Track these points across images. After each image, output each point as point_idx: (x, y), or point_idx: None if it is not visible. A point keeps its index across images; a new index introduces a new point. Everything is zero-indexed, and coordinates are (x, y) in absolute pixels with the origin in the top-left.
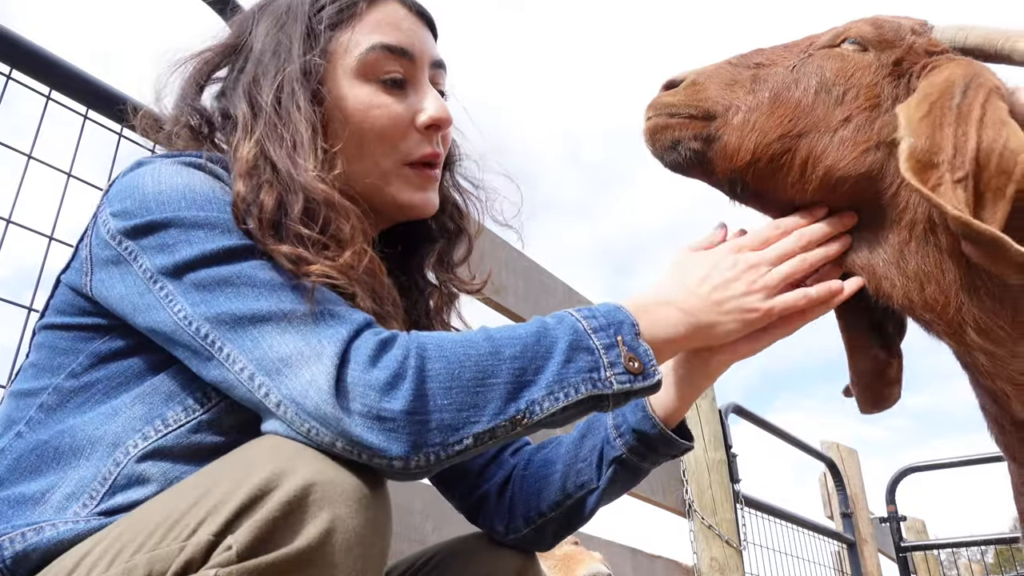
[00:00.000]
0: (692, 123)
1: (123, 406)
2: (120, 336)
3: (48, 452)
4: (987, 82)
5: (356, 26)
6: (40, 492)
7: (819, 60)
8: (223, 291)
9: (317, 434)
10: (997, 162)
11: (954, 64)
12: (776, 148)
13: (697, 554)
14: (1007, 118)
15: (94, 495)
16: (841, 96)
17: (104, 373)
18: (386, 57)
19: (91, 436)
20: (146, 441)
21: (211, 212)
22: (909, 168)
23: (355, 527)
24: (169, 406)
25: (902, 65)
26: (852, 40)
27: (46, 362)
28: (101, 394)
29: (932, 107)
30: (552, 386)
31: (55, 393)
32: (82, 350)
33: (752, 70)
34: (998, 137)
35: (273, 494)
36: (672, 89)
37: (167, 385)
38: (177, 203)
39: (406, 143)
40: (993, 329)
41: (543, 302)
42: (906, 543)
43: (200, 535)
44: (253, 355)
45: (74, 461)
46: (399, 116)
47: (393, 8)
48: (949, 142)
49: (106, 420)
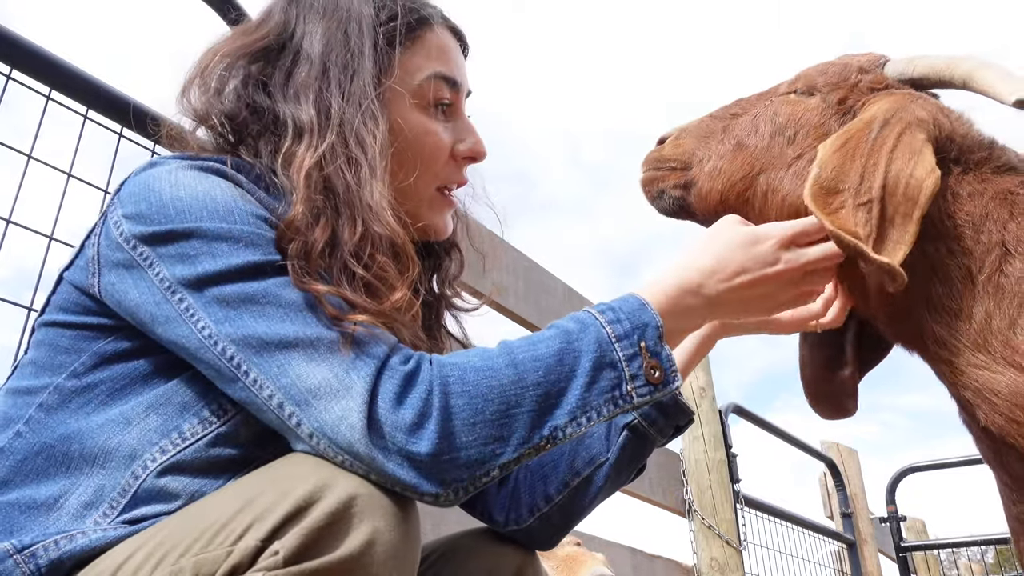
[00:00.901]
0: (674, 173)
1: (135, 415)
2: (125, 337)
3: (56, 456)
4: (909, 115)
5: (419, 50)
6: (52, 498)
7: (775, 107)
8: (248, 310)
9: (351, 466)
10: (904, 190)
11: (886, 100)
12: (740, 187)
13: (697, 554)
14: (920, 148)
15: (115, 505)
16: (793, 137)
17: (108, 374)
18: (440, 87)
19: (104, 446)
20: (164, 455)
21: (234, 224)
22: (810, 194)
23: (392, 540)
24: (185, 418)
25: (846, 103)
26: (800, 89)
27: (46, 360)
28: (105, 395)
29: (847, 141)
30: (575, 412)
31: (56, 393)
32: (85, 349)
33: (726, 121)
34: (905, 166)
35: (319, 504)
36: (661, 144)
37: (181, 395)
38: (199, 213)
39: (444, 169)
40: (950, 341)
41: (543, 302)
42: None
43: (247, 540)
44: (280, 383)
45: (87, 468)
46: (445, 144)
47: (447, 36)
48: (856, 171)
49: (119, 430)
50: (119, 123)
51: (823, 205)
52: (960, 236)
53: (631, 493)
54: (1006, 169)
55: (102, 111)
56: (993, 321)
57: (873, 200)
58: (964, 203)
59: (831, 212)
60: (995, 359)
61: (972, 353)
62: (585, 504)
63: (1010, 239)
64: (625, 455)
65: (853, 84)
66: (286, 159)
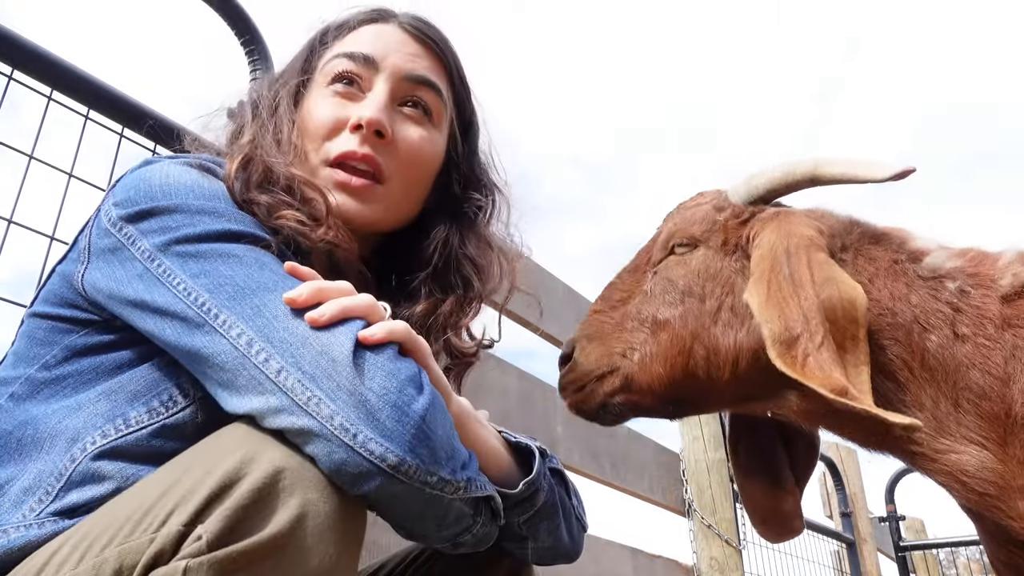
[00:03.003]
0: (603, 382)
1: (87, 401)
2: (97, 331)
3: (11, 443)
4: (798, 239)
5: (338, 44)
6: (1, 484)
7: (666, 273)
8: (226, 262)
9: (317, 404)
10: (842, 313)
11: (767, 231)
12: (680, 362)
13: (697, 553)
14: (831, 271)
15: (50, 490)
16: (703, 293)
17: (76, 367)
18: (342, 61)
19: (52, 429)
20: (105, 439)
21: (219, 204)
22: (777, 356)
23: (327, 511)
24: (133, 406)
25: (729, 243)
26: (679, 243)
27: (24, 351)
28: (70, 388)
29: (770, 286)
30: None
31: (27, 383)
32: (58, 342)
33: (620, 309)
34: (833, 292)
35: (242, 482)
36: (568, 364)
37: (135, 384)
38: (185, 194)
39: (335, 142)
40: (917, 436)
41: (543, 302)
42: (905, 542)
43: (170, 526)
44: (254, 323)
45: (35, 453)
46: (327, 114)
47: (381, 28)
48: (798, 313)
49: (69, 414)
50: (120, 123)
51: (791, 363)
52: (881, 328)
53: (631, 493)
54: (877, 239)
55: (103, 111)
56: (940, 405)
57: (826, 335)
58: (869, 290)
59: (803, 367)
60: (957, 440)
61: (936, 440)
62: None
63: (918, 313)
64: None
65: (723, 225)
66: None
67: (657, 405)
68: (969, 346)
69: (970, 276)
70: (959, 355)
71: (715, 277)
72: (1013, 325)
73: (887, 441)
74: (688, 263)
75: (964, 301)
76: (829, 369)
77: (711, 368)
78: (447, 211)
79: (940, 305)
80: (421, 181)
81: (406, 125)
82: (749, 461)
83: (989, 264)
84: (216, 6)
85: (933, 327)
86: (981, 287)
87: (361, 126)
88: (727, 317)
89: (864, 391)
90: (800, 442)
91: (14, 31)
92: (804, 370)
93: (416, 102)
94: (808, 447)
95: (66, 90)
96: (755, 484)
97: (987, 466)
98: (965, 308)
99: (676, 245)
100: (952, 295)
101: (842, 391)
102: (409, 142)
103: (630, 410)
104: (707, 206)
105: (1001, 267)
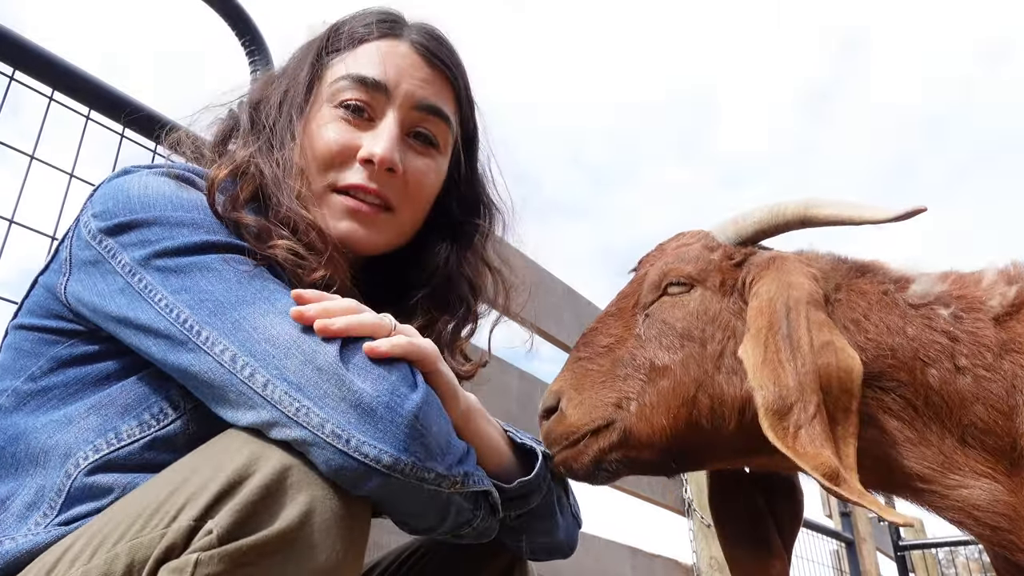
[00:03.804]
0: (598, 437)
1: (77, 415)
2: (83, 342)
3: (6, 458)
4: (799, 292)
5: (345, 58)
6: (1, 500)
7: (661, 316)
8: (204, 276)
9: (306, 414)
10: (838, 384)
11: (765, 279)
12: (683, 412)
13: (697, 553)
14: (830, 335)
15: (53, 506)
16: (702, 336)
17: (62, 379)
18: (353, 86)
19: (44, 444)
20: (97, 454)
21: (198, 215)
22: (769, 427)
23: (334, 508)
24: (124, 420)
25: (727, 284)
26: (673, 283)
27: (10, 363)
28: (57, 400)
29: (767, 347)
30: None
31: (13, 396)
32: (43, 354)
33: (607, 356)
34: (830, 360)
35: (251, 478)
36: (554, 415)
37: (125, 397)
38: (163, 205)
39: (341, 171)
40: (924, 471)
41: (543, 302)
42: (904, 542)
43: (181, 521)
44: (236, 337)
45: (31, 469)
46: (333, 140)
47: (392, 46)
48: (793, 380)
49: (59, 428)
50: (120, 124)
51: (782, 435)
52: (883, 371)
53: (631, 492)
54: (862, 272)
55: (104, 112)
56: (946, 441)
57: (820, 404)
58: (867, 328)
59: (794, 440)
60: (966, 474)
61: (946, 475)
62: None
63: (917, 347)
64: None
65: (718, 265)
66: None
67: (657, 459)
68: (969, 379)
69: (958, 300)
70: (961, 389)
71: (715, 320)
72: (1011, 351)
73: (893, 486)
74: (686, 305)
75: (959, 328)
76: (820, 445)
77: (716, 418)
78: (446, 231)
79: (937, 336)
80: (426, 208)
81: (414, 157)
82: (734, 530)
83: (973, 285)
84: (216, 6)
85: (933, 360)
86: (972, 311)
87: (372, 161)
88: (731, 363)
89: (851, 467)
90: (784, 505)
91: (15, 31)
92: (795, 444)
93: (425, 133)
94: (793, 510)
95: (67, 90)
96: (742, 553)
97: (998, 498)
98: (961, 336)
99: (669, 285)
100: (947, 322)
101: (833, 474)
102: (417, 175)
103: (627, 466)
104: (697, 246)
105: (986, 288)
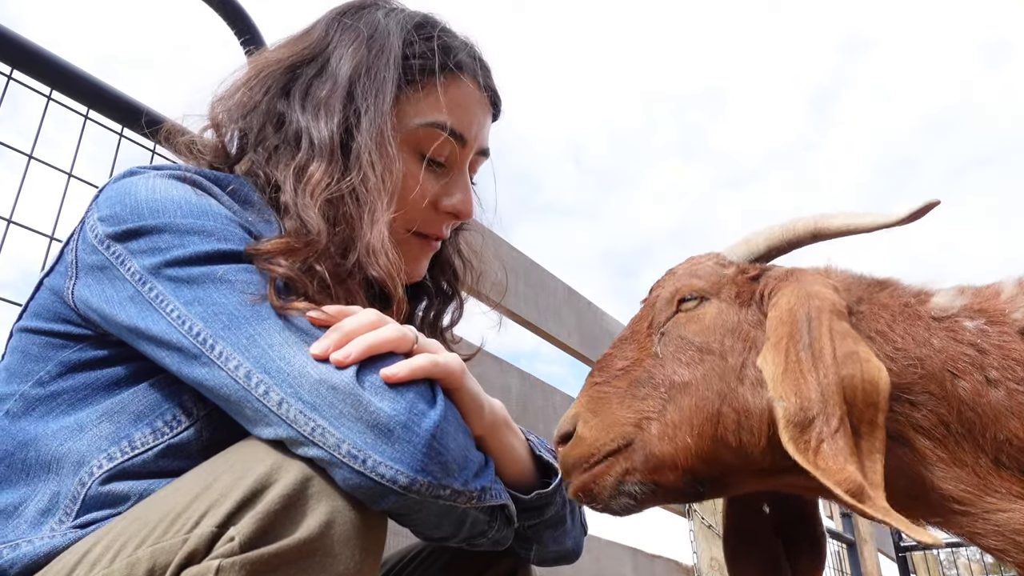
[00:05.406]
0: (618, 458)
1: (89, 422)
2: (92, 346)
3: (16, 463)
4: (820, 302)
5: (430, 93)
6: (12, 505)
7: (677, 332)
8: (218, 288)
9: (321, 434)
10: (862, 396)
11: (784, 289)
12: (709, 429)
13: (697, 554)
14: (854, 345)
15: (69, 512)
16: (722, 349)
17: (71, 383)
18: (437, 136)
19: (56, 452)
20: (111, 462)
21: (207, 221)
22: (790, 440)
23: (353, 518)
24: (137, 427)
25: (743, 295)
26: (685, 298)
27: (17, 367)
28: (66, 404)
29: (787, 356)
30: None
31: (21, 400)
32: (52, 358)
33: (624, 378)
34: (855, 371)
35: (273, 487)
36: (570, 441)
37: (137, 404)
38: (172, 211)
39: (422, 217)
40: (959, 493)
41: (543, 302)
42: (905, 543)
43: (203, 527)
44: (250, 353)
45: (44, 475)
46: (426, 193)
47: (470, 89)
48: (815, 391)
49: (71, 436)
50: (120, 123)
51: (804, 449)
52: (912, 383)
53: None
54: (882, 286)
55: (103, 111)
56: (981, 461)
57: (843, 418)
58: (894, 339)
59: (816, 454)
60: (1003, 497)
61: (982, 499)
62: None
63: (945, 359)
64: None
65: (732, 279)
66: (298, 174)
67: (681, 483)
68: (1002, 392)
69: (980, 312)
70: (994, 402)
71: (734, 331)
72: None
73: (924, 509)
74: (701, 318)
75: (986, 341)
76: (844, 460)
77: (743, 433)
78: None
79: (964, 347)
80: None
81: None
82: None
83: (992, 298)
84: (216, 6)
85: (962, 372)
86: (995, 324)
87: (458, 217)
88: (754, 374)
89: (877, 484)
90: (804, 546)
91: (14, 31)
92: (817, 458)
93: (472, 169)
94: (813, 564)
95: (66, 90)
96: None
97: None
98: (989, 349)
99: (682, 300)
100: (973, 335)
101: (858, 491)
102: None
103: (650, 493)
104: (709, 263)
105: (1006, 300)
